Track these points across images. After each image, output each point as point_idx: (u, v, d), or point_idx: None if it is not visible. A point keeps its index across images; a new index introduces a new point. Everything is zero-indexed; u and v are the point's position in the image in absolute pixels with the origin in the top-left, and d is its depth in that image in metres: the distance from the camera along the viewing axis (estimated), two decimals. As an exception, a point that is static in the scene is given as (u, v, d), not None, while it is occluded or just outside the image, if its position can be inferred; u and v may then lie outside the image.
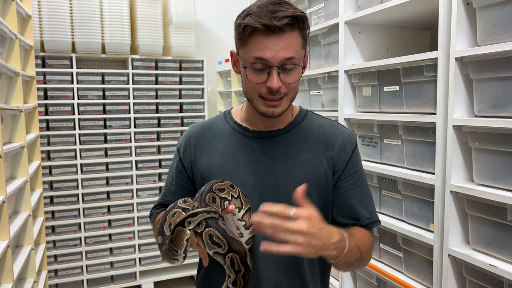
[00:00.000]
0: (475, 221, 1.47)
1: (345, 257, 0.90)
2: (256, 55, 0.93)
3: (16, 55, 2.10)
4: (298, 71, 0.97)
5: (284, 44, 0.92)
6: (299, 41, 0.95)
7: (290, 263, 1.03)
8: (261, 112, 1.00)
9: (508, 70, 1.31)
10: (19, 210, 2.17)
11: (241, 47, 0.97)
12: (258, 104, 0.99)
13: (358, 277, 2.11)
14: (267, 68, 0.94)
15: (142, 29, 3.18)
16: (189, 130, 1.16)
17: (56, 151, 3.08)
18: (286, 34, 0.92)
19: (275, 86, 0.93)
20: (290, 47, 0.93)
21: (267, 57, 0.92)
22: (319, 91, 2.33)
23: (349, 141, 1.08)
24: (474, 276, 1.46)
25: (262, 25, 0.90)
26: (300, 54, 0.96)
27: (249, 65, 0.95)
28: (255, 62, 0.93)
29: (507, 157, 1.35)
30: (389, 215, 1.88)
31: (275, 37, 0.91)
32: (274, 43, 0.91)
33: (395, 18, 1.96)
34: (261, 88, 0.96)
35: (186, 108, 3.47)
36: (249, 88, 0.98)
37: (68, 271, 3.17)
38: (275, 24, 0.90)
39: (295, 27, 0.93)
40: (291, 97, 1.00)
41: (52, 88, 3.03)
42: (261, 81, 0.95)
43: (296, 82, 0.97)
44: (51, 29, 2.94)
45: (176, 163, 1.14)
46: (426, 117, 1.60)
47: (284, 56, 0.92)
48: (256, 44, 0.93)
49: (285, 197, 1.01)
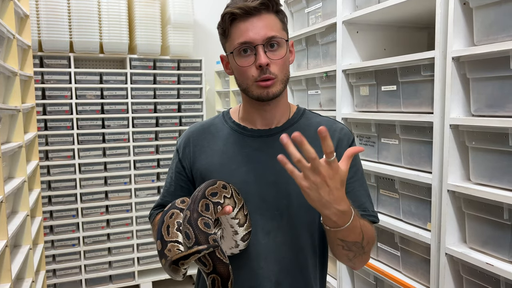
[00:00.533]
0: (472, 220, 1.48)
1: (345, 231, 0.88)
2: (240, 40, 0.97)
3: (14, 55, 2.10)
4: (284, 49, 1.00)
5: (263, 24, 0.97)
6: (277, 22, 1.00)
7: (292, 262, 1.03)
8: (257, 96, 1.01)
9: (504, 69, 1.32)
10: (17, 210, 2.17)
11: (227, 40, 1.02)
12: (253, 89, 1.00)
13: (355, 275, 2.11)
14: (253, 50, 0.97)
15: (140, 29, 3.18)
16: (188, 130, 1.16)
17: (54, 151, 3.08)
18: (263, 15, 0.98)
19: (264, 61, 0.96)
20: (269, 27, 0.97)
21: (250, 38, 0.96)
22: (317, 91, 2.34)
23: (345, 137, 1.08)
24: (471, 274, 1.47)
25: (238, 8, 0.96)
26: (282, 34, 1.00)
27: (235, 50, 0.99)
28: (240, 47, 0.98)
29: (504, 156, 1.35)
30: (387, 214, 1.89)
31: (253, 19, 0.97)
32: (253, 25, 0.97)
33: (393, 17, 1.97)
34: (253, 71, 0.98)
35: (184, 107, 3.47)
36: (242, 75, 1.01)
37: (66, 271, 3.18)
38: (250, 5, 0.96)
39: (269, 8, 0.98)
40: (281, 79, 1.01)
41: (50, 88, 3.03)
42: (250, 63, 0.98)
43: (282, 58, 0.99)
44: (49, 28, 2.94)
45: (175, 164, 1.15)
46: (423, 116, 1.61)
47: (266, 35, 0.96)
48: (238, 31, 0.98)
49: (285, 194, 1.02)
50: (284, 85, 1.02)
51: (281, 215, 1.01)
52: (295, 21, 2.56)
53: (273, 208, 1.02)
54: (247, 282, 1.03)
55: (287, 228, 1.03)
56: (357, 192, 1.05)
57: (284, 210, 1.02)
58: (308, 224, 1.03)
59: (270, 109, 1.06)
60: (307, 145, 0.78)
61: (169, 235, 0.93)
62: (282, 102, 1.08)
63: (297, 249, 1.03)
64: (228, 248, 0.98)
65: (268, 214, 0.95)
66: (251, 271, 1.03)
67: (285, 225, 1.02)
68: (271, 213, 1.00)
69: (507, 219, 1.33)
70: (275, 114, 1.08)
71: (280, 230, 1.02)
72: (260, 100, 1.01)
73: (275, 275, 1.03)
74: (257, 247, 1.02)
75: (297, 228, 1.03)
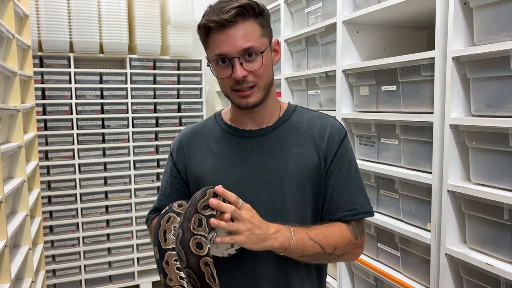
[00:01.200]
0: (472, 220, 1.47)
1: (296, 249, 0.95)
2: (216, 52, 0.97)
3: (13, 55, 2.10)
4: (260, 58, 0.98)
5: (239, 35, 0.95)
6: (255, 29, 0.97)
7: (287, 260, 1.03)
8: (237, 105, 1.02)
9: (504, 69, 1.32)
10: (17, 210, 2.16)
11: (206, 49, 1.02)
12: (233, 97, 1.01)
13: (355, 276, 2.11)
14: (229, 61, 0.97)
15: (140, 29, 3.18)
16: (180, 134, 1.17)
17: (54, 151, 3.07)
18: (239, 25, 0.95)
19: (239, 75, 0.95)
20: (246, 37, 0.95)
21: (226, 51, 0.95)
22: (317, 91, 2.34)
23: (337, 132, 1.08)
24: (471, 275, 1.47)
25: (213, 22, 0.95)
26: (259, 41, 0.98)
27: (213, 62, 0.99)
28: (217, 59, 0.98)
29: (503, 156, 1.35)
30: (387, 215, 1.89)
31: (229, 30, 0.95)
32: (229, 36, 0.95)
33: (393, 17, 1.97)
34: (230, 82, 0.99)
35: (184, 107, 3.47)
36: (221, 84, 1.02)
37: (66, 271, 3.17)
38: (224, 17, 0.94)
39: (246, 16, 0.96)
40: (263, 85, 1.01)
41: (50, 88, 3.03)
42: (228, 75, 0.98)
43: (260, 68, 0.98)
44: (49, 28, 2.94)
45: (170, 167, 1.15)
46: (423, 116, 1.61)
47: (242, 47, 0.95)
48: (214, 42, 0.97)
49: (280, 193, 1.02)
50: (266, 91, 1.02)
51: (276, 214, 1.02)
52: (295, 21, 2.56)
53: (268, 207, 1.02)
54: (245, 282, 1.04)
55: None
56: (345, 190, 1.05)
57: (279, 209, 1.02)
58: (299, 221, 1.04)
59: (257, 112, 1.06)
60: (223, 205, 0.87)
61: (166, 242, 0.93)
62: (269, 103, 1.08)
63: None
64: (224, 250, 0.98)
65: (263, 213, 0.95)
66: (248, 270, 1.03)
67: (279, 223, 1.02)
68: (266, 212, 0.99)
69: (507, 220, 1.33)
70: (263, 115, 1.08)
71: None
72: (241, 109, 1.03)
73: (272, 274, 1.03)
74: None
75: None
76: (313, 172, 1.04)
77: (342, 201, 1.05)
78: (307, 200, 1.04)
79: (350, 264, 2.12)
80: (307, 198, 1.04)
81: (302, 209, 1.04)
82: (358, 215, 1.05)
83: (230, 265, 1.03)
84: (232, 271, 1.05)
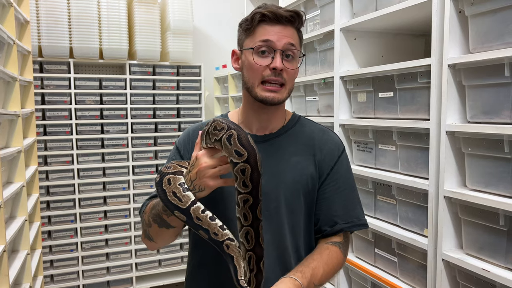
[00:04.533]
0: (468, 226, 1.48)
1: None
2: (262, 38, 1.02)
3: (14, 60, 2.11)
4: (297, 61, 1.06)
5: (287, 33, 1.03)
6: (297, 37, 1.07)
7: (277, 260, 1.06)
8: (262, 98, 1.04)
9: (500, 77, 1.33)
10: (15, 215, 2.17)
11: (248, 36, 1.06)
12: (259, 90, 1.04)
13: (353, 281, 2.11)
14: (271, 52, 1.02)
15: (140, 35, 3.20)
16: (188, 129, 1.20)
17: (53, 156, 3.08)
18: (288, 27, 1.04)
19: (279, 66, 1.01)
20: (292, 37, 1.04)
21: (273, 39, 1.02)
22: (315, 97, 2.35)
23: (336, 147, 1.13)
24: (467, 280, 1.47)
25: (270, 12, 1.02)
26: (298, 47, 1.07)
27: (255, 47, 1.03)
28: (262, 45, 1.02)
29: (499, 163, 1.36)
30: (384, 220, 1.90)
31: (280, 27, 1.03)
32: (278, 31, 1.02)
33: (390, 25, 1.99)
34: (265, 72, 1.02)
35: (183, 113, 3.49)
36: (253, 72, 1.04)
37: (64, 276, 3.16)
38: (282, 13, 1.02)
39: (294, 23, 1.05)
40: (289, 87, 1.07)
41: (49, 93, 3.04)
42: (266, 63, 1.02)
43: (294, 69, 1.05)
44: (49, 34, 2.96)
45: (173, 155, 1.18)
46: (420, 123, 1.62)
47: (288, 41, 1.02)
48: (263, 31, 1.03)
49: (275, 197, 1.06)
50: (288, 94, 1.08)
51: (271, 216, 1.05)
52: (294, 28, 2.58)
53: (264, 209, 1.03)
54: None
55: (275, 228, 1.06)
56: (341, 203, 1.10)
57: (273, 212, 1.06)
58: (292, 225, 1.08)
59: (268, 113, 1.10)
60: None
61: (183, 201, 0.91)
62: (280, 109, 1.13)
63: (282, 248, 1.08)
64: None
65: None
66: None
67: (273, 226, 1.06)
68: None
69: (503, 225, 1.34)
70: (271, 119, 1.12)
71: (268, 231, 1.04)
72: (263, 103, 1.04)
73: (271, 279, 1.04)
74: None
75: (283, 229, 1.07)
76: (308, 182, 1.08)
77: (340, 213, 1.09)
78: (300, 207, 1.08)
79: (348, 270, 2.13)
80: (301, 205, 1.08)
81: (295, 215, 1.08)
82: (356, 227, 1.10)
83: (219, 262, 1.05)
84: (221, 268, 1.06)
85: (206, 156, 0.92)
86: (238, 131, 0.88)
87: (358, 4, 1.99)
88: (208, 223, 0.92)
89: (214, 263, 1.06)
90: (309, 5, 2.37)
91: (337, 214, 1.09)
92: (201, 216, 0.91)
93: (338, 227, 1.08)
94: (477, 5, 1.40)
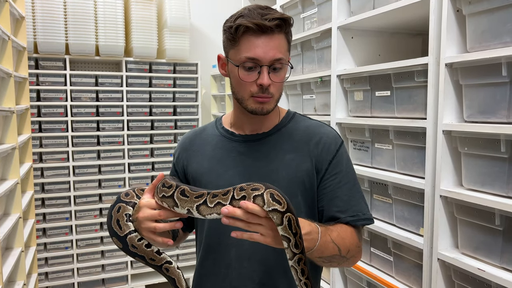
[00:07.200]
0: (464, 226, 1.48)
1: (318, 250, 0.91)
2: (248, 55, 0.97)
3: (8, 56, 2.09)
4: (285, 71, 1.02)
5: (273, 44, 0.97)
6: (285, 43, 1.02)
7: (275, 263, 1.04)
8: (251, 110, 1.02)
9: (497, 76, 1.33)
10: (10, 212, 2.15)
11: (232, 47, 1.01)
12: (249, 103, 1.02)
13: (349, 280, 2.11)
14: (258, 67, 0.98)
15: (137, 32, 3.18)
16: (183, 137, 1.22)
17: (48, 153, 3.06)
18: (275, 35, 0.98)
19: (266, 82, 0.97)
20: (278, 48, 0.98)
21: (259, 56, 0.97)
22: (312, 95, 2.35)
23: (333, 141, 1.09)
24: (462, 280, 1.47)
25: (255, 24, 0.95)
26: (286, 56, 1.02)
27: (241, 65, 0.99)
28: (247, 61, 0.98)
29: (495, 162, 1.36)
30: (380, 219, 1.89)
31: (266, 38, 0.97)
32: (264, 43, 0.97)
33: (387, 23, 1.98)
34: (252, 87, 1.00)
35: (179, 111, 3.47)
36: (241, 87, 1.02)
37: (58, 274, 3.15)
38: (266, 24, 0.95)
39: (282, 29, 0.99)
40: (277, 98, 1.04)
41: (45, 90, 3.02)
42: (252, 79, 0.99)
43: (282, 82, 1.02)
44: (45, 30, 2.94)
45: (172, 167, 1.22)
46: (416, 122, 1.62)
47: (274, 56, 0.97)
48: (248, 44, 0.97)
49: None
50: (277, 102, 1.06)
51: None
52: (291, 26, 2.57)
53: None
54: (230, 282, 1.05)
55: None
56: (344, 197, 1.06)
57: None
58: None
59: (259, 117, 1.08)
60: (251, 207, 0.81)
61: (122, 229, 0.99)
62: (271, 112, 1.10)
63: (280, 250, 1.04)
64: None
65: None
66: (234, 271, 1.05)
67: None
68: None
69: (498, 225, 1.34)
70: (263, 121, 1.10)
71: None
72: (254, 114, 1.03)
73: (258, 276, 1.04)
74: (241, 248, 1.04)
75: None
76: (304, 179, 1.05)
77: (343, 207, 1.05)
78: (298, 206, 1.04)
79: (344, 269, 2.13)
80: (299, 204, 1.05)
81: None
82: (360, 221, 1.06)
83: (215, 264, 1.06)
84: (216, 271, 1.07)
85: (147, 207, 0.95)
86: None
87: (355, 2, 1.98)
88: (144, 250, 0.98)
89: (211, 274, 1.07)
90: (306, 3, 2.36)
91: (339, 210, 1.05)
92: (137, 244, 0.98)
93: (343, 221, 1.04)
94: (475, 4, 1.39)
